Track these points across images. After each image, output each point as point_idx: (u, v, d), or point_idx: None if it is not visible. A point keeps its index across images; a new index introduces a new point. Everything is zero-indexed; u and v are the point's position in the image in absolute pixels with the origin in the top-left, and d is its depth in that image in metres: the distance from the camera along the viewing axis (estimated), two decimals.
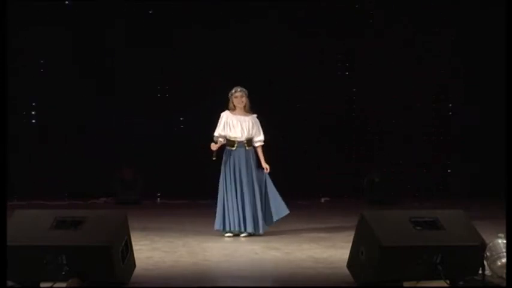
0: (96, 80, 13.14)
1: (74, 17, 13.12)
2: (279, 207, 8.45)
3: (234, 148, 8.38)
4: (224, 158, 8.40)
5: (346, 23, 13.46)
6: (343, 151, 13.92)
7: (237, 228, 8.26)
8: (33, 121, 13.13)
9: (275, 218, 8.45)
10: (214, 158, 8.34)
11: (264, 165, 8.43)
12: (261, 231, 8.29)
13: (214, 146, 8.32)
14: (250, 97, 8.56)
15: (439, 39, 13.86)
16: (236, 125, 8.38)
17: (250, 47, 13.17)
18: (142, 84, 13.20)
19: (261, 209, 8.32)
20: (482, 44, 13.31)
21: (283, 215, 8.49)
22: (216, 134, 8.41)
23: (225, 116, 8.43)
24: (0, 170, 5.51)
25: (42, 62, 13.10)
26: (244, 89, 8.48)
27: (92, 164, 12.89)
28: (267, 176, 8.45)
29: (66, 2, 13.23)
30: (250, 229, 8.25)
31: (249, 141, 8.40)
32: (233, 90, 8.46)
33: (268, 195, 8.41)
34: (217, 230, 8.31)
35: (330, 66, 13.81)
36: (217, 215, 8.33)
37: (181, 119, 13.26)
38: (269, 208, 8.41)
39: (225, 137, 8.40)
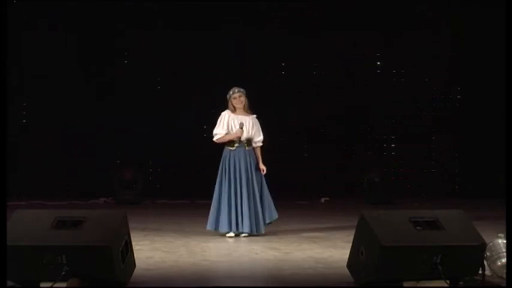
0: (97, 80, 13.15)
1: (76, 18, 13.14)
2: (272, 211, 8.40)
3: (233, 148, 8.35)
4: (223, 158, 8.36)
5: (346, 24, 13.46)
6: (343, 151, 13.93)
7: (232, 229, 8.21)
8: (34, 121, 13.12)
9: (267, 221, 8.37)
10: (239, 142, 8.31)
11: (261, 166, 8.35)
12: (262, 231, 8.26)
13: (239, 131, 8.25)
14: (251, 97, 8.55)
15: (439, 40, 13.87)
16: (237, 125, 8.34)
17: (250, 47, 13.18)
18: (142, 84, 13.21)
19: (260, 208, 8.27)
20: (482, 45, 13.31)
21: (274, 219, 8.42)
22: (215, 131, 8.35)
23: (227, 115, 8.37)
24: (0, 170, 5.51)
25: (43, 63, 13.09)
26: (241, 89, 8.41)
27: (92, 164, 12.90)
28: (263, 178, 8.37)
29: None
30: (247, 229, 8.20)
31: (249, 141, 8.37)
32: (231, 92, 8.40)
33: (263, 196, 8.35)
34: (209, 230, 8.28)
35: (330, 67, 13.81)
36: (210, 214, 8.29)
37: (181, 119, 13.26)
38: (264, 209, 8.35)
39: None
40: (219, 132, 8.35)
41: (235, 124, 8.33)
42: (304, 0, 13.39)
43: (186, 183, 12.74)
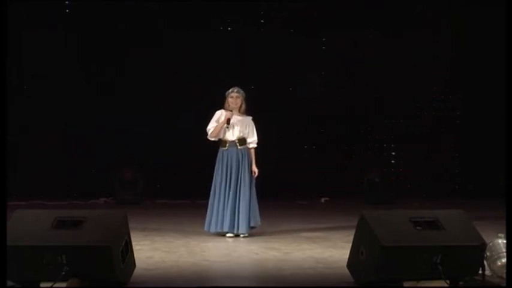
0: (97, 80, 13.15)
1: (76, 18, 13.15)
2: (256, 216, 8.30)
3: (225, 148, 8.31)
4: (217, 158, 8.34)
5: (346, 24, 13.46)
6: (343, 151, 13.93)
7: (218, 229, 8.17)
8: (34, 121, 13.12)
9: (252, 224, 8.26)
10: (227, 126, 8.24)
11: (253, 168, 8.28)
12: (243, 232, 8.17)
13: (229, 114, 8.23)
14: (251, 97, 8.53)
15: (439, 40, 13.87)
16: (229, 125, 8.31)
17: (250, 47, 13.18)
18: (142, 84, 13.20)
19: (245, 208, 8.16)
20: (482, 45, 13.31)
21: (258, 225, 8.32)
22: (208, 127, 8.29)
23: (221, 113, 8.33)
24: (0, 170, 5.50)
25: (43, 63, 13.09)
26: (241, 91, 8.36)
27: (92, 164, 12.89)
28: (253, 181, 8.29)
29: (67, 2, 13.26)
30: (226, 228, 8.15)
31: (241, 140, 8.31)
32: (230, 90, 8.37)
33: (251, 198, 8.26)
34: (206, 231, 8.27)
35: (330, 67, 13.81)
36: (206, 215, 8.31)
37: (181, 119, 13.26)
38: (250, 211, 8.23)
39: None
40: (211, 126, 8.29)
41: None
42: (304, 0, 13.39)
43: (186, 183, 12.73)
